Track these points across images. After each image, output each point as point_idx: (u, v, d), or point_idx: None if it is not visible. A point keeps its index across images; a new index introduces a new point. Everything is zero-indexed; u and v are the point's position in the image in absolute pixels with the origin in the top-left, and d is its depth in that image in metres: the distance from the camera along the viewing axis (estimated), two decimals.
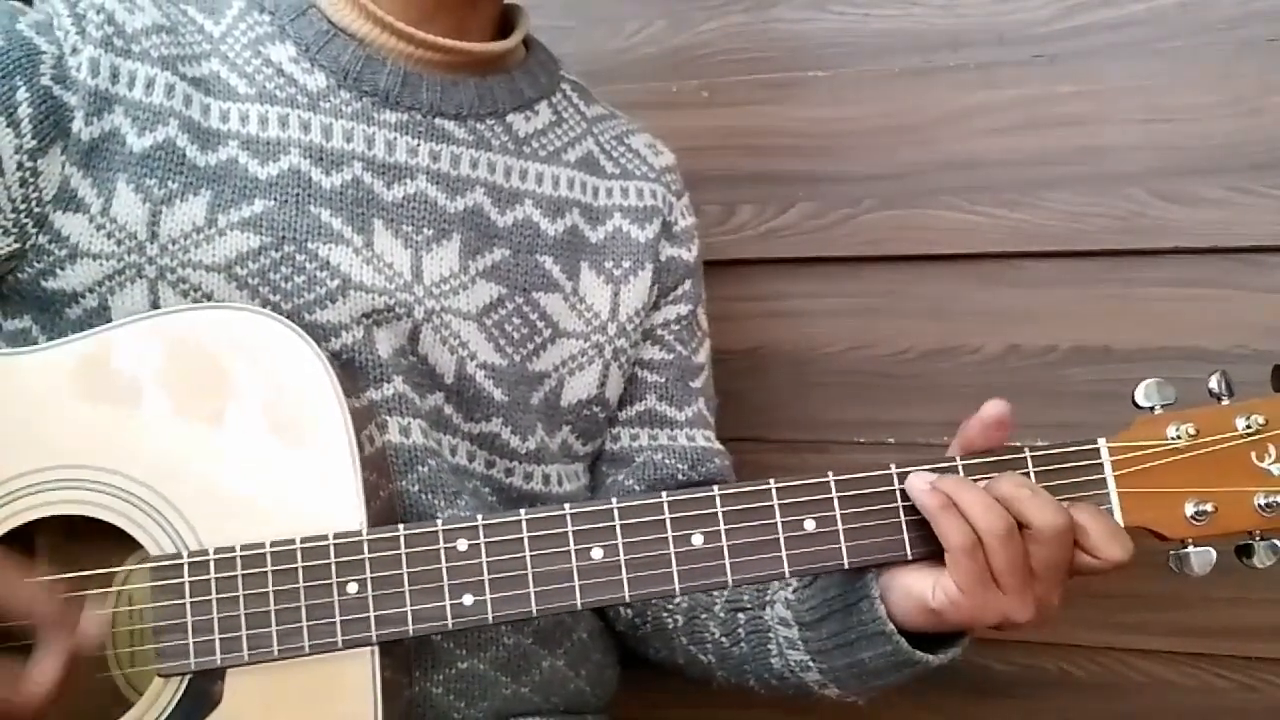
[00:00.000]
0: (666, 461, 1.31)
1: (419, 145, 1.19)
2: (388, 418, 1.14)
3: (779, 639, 1.17)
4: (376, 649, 0.97)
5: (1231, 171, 1.39)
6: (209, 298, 1.09)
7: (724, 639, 1.23)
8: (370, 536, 0.98)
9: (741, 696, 1.28)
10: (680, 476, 1.31)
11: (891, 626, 1.05)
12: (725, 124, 1.58)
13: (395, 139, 1.18)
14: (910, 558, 1.03)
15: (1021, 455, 1.05)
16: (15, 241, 1.08)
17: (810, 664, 1.14)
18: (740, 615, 1.21)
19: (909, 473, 1.04)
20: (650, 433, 1.34)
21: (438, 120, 1.21)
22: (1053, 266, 1.47)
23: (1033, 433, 1.46)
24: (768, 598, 1.19)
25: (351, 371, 1.12)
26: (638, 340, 1.32)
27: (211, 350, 1.02)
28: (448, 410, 1.20)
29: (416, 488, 1.14)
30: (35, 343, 1.11)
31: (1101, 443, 1.07)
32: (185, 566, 0.97)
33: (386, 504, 1.07)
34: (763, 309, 1.59)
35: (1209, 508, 1.04)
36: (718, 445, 1.37)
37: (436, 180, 1.20)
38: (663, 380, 1.35)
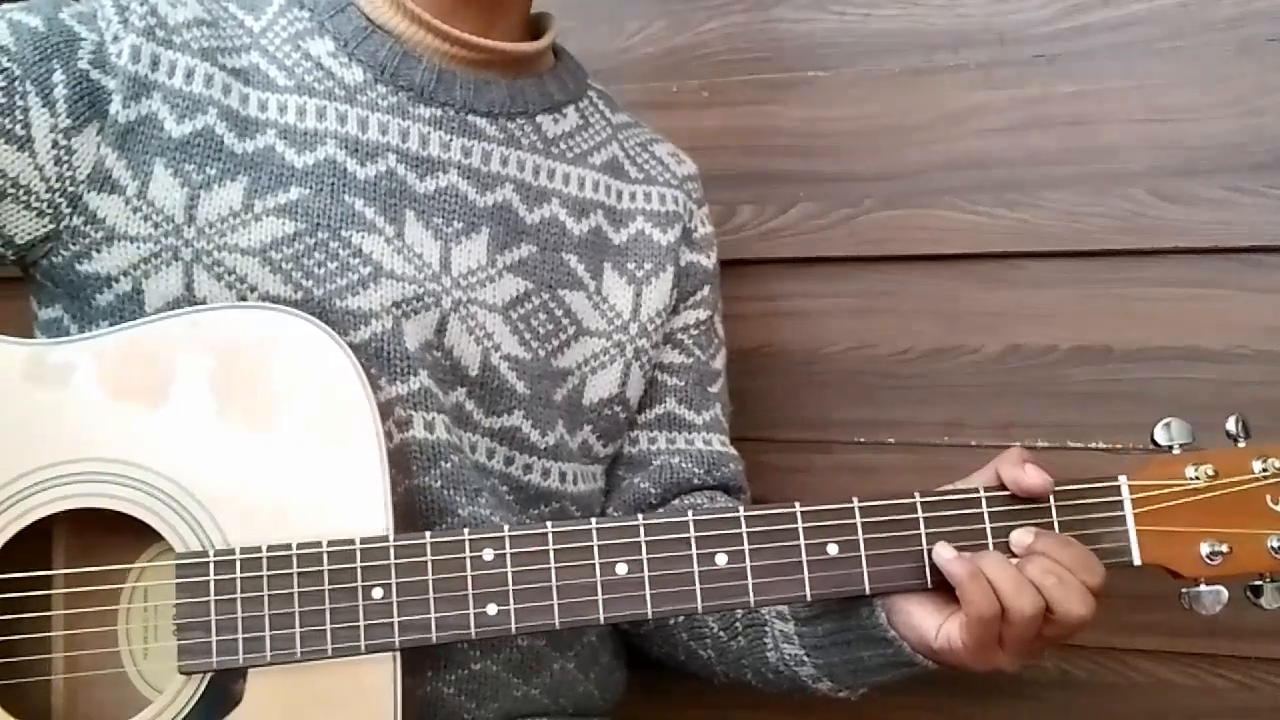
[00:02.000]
0: (683, 465, 1.32)
1: (451, 140, 1.21)
2: (413, 412, 1.14)
3: (774, 633, 1.18)
4: (399, 654, 0.97)
5: (1231, 171, 1.39)
6: (243, 281, 1.10)
7: (722, 633, 1.24)
8: (397, 542, 0.98)
9: (747, 698, 1.28)
10: (695, 481, 1.32)
11: (894, 633, 1.07)
12: (725, 124, 1.58)
13: (429, 133, 1.20)
14: (930, 586, 1.04)
15: None
16: (50, 222, 1.10)
17: (805, 659, 1.16)
18: (738, 610, 1.22)
19: (938, 541, 1.05)
20: (668, 436, 1.35)
21: (470, 117, 1.22)
22: (1053, 266, 1.47)
23: (1033, 433, 1.48)
24: None
25: (379, 363, 1.13)
26: (658, 342, 1.33)
27: (242, 349, 1.02)
28: (469, 407, 1.20)
29: (439, 484, 1.14)
30: (67, 332, 1.13)
31: (1122, 480, 1.08)
32: (211, 565, 0.97)
33: (404, 500, 1.07)
34: (763, 309, 1.59)
35: (1224, 549, 1.06)
36: (733, 451, 1.38)
37: (467, 175, 1.21)
38: (682, 384, 1.36)
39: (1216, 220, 1.40)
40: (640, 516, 1.02)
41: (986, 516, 1.06)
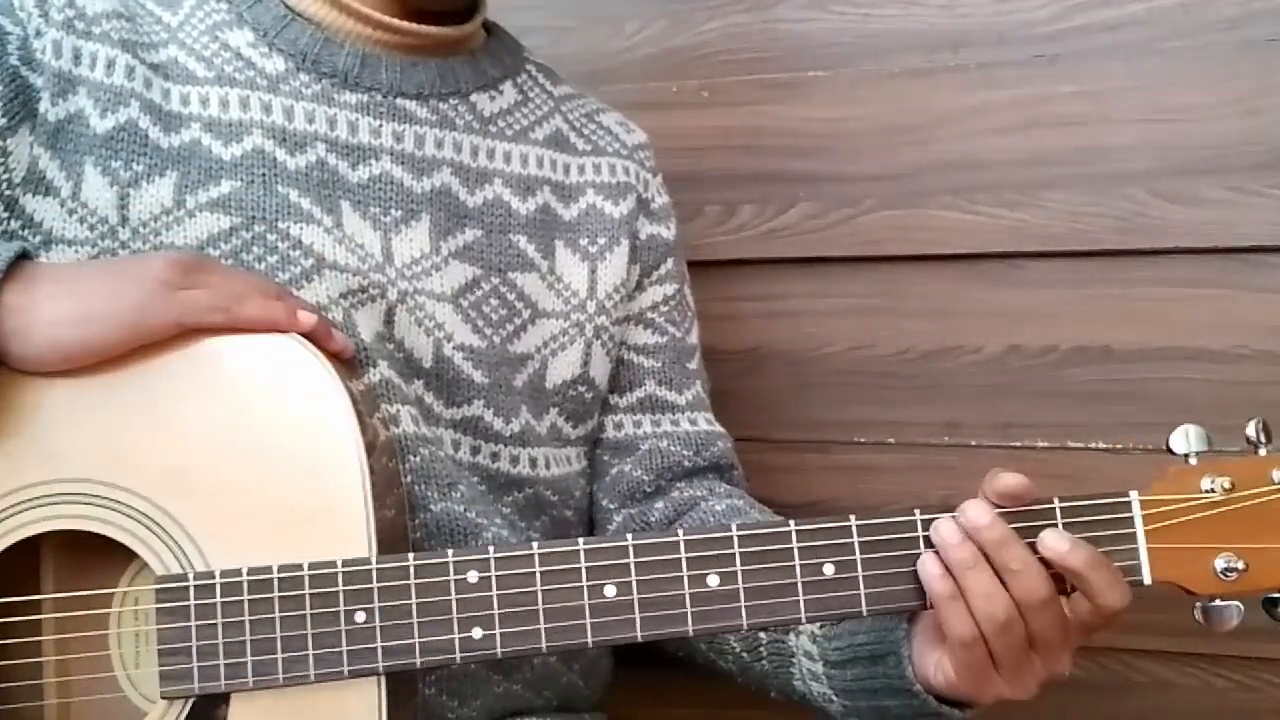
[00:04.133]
0: (672, 449, 1.30)
1: (381, 126, 1.19)
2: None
3: (803, 669, 1.16)
4: (383, 679, 0.96)
5: (1231, 171, 1.39)
6: None
7: (744, 654, 1.22)
8: (379, 565, 0.96)
9: (743, 697, 1.28)
10: (686, 463, 1.31)
11: (919, 687, 1.03)
12: (725, 124, 1.58)
13: (357, 120, 1.18)
14: (930, 607, 1.00)
15: (1050, 506, 1.01)
16: None
17: (834, 698, 1.13)
18: (762, 634, 1.19)
19: (929, 542, 0.99)
20: (652, 419, 1.33)
21: (399, 100, 1.20)
22: (1053, 266, 1.47)
23: (1033, 433, 1.48)
24: None
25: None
26: (619, 318, 1.30)
27: (225, 368, 0.99)
28: (428, 399, 1.18)
29: (409, 479, 1.12)
30: None
31: (1133, 495, 1.02)
32: (191, 589, 0.95)
33: (400, 499, 1.06)
34: (763, 309, 1.59)
35: (1240, 565, 1.00)
36: (719, 428, 1.36)
37: (401, 161, 1.19)
38: (659, 364, 1.34)
39: (1216, 220, 1.40)
40: (629, 536, 0.99)
41: None
